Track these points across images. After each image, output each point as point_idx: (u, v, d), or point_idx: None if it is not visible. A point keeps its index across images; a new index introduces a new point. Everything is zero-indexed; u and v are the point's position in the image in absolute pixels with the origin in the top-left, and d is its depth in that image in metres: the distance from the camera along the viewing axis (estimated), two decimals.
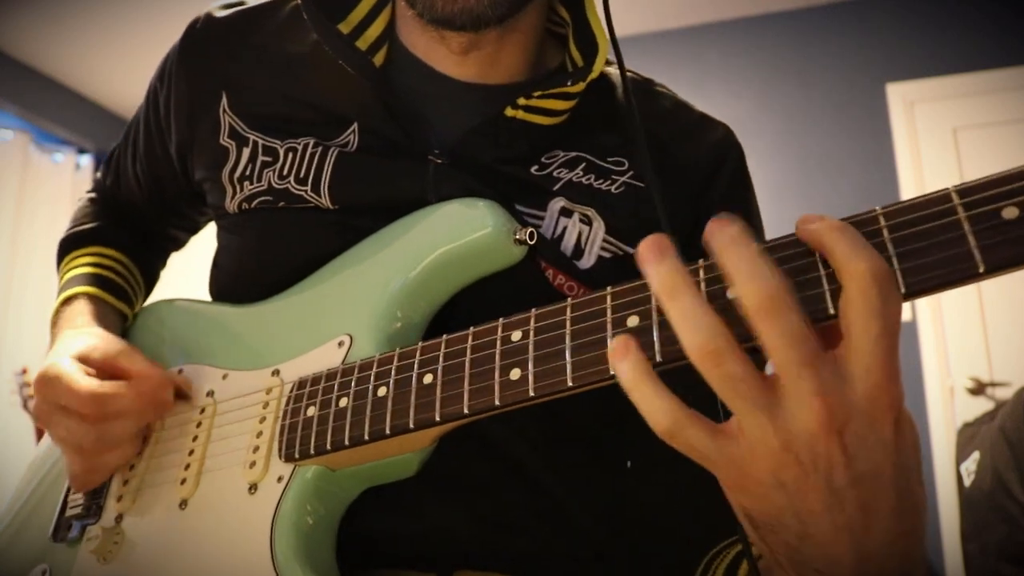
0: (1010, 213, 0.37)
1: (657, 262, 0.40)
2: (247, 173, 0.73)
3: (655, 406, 0.40)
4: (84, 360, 0.69)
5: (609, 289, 0.48)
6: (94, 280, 0.84)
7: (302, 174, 0.70)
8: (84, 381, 0.65)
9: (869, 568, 0.40)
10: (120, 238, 0.91)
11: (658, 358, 0.43)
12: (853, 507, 0.39)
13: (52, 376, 0.65)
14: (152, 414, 0.68)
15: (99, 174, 0.97)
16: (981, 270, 0.37)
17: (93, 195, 0.96)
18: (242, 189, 0.73)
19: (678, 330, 0.39)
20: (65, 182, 4.10)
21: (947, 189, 0.39)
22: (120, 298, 0.85)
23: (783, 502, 0.40)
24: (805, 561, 0.42)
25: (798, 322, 0.37)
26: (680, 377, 0.42)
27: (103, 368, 0.69)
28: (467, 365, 0.52)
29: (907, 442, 0.39)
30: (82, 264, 0.87)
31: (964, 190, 0.39)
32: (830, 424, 0.37)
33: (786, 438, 0.38)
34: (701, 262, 0.44)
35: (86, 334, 0.73)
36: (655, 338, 0.44)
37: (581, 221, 0.69)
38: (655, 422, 0.40)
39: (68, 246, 0.91)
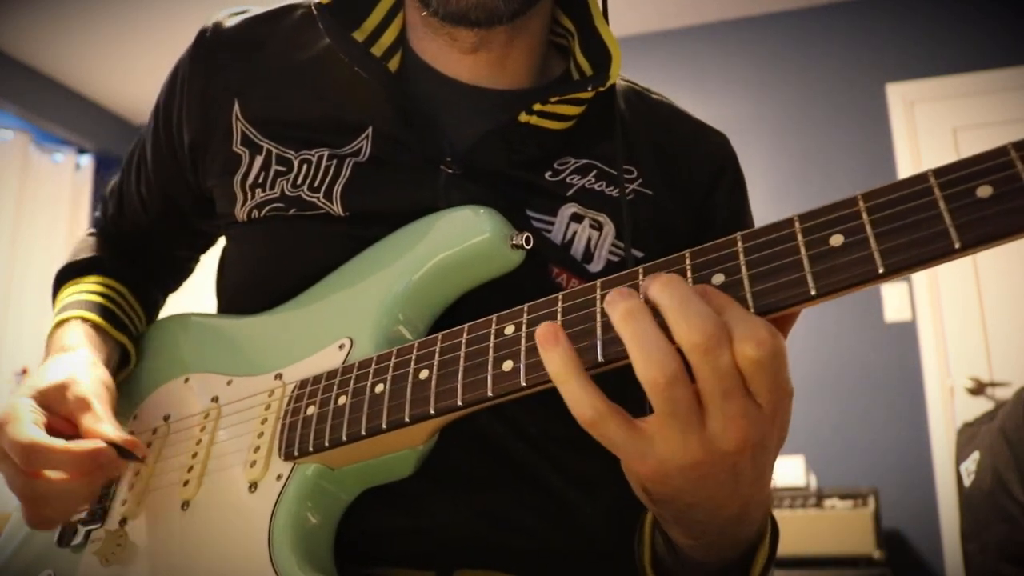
0: (984, 191, 0.38)
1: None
2: (259, 181, 0.73)
3: (580, 398, 0.44)
4: (51, 395, 0.66)
5: (599, 281, 0.49)
6: (91, 307, 0.80)
7: (316, 183, 0.71)
8: (26, 432, 0.61)
9: (747, 510, 0.50)
10: (120, 269, 0.88)
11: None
12: (749, 480, 0.46)
13: (3, 419, 0.62)
14: (100, 475, 0.62)
15: (98, 212, 0.94)
16: (957, 247, 0.38)
17: (92, 231, 0.93)
18: (253, 196, 0.73)
19: (634, 361, 0.43)
20: (65, 182, 4.10)
21: (925, 171, 0.41)
22: (117, 327, 0.81)
23: (684, 486, 0.46)
24: (690, 519, 0.50)
25: (728, 358, 0.41)
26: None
27: (71, 411, 0.65)
28: (462, 359, 0.53)
29: (786, 417, 0.46)
30: (79, 291, 0.83)
31: (940, 170, 0.40)
32: (748, 440, 0.43)
33: (708, 449, 0.43)
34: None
35: (70, 363, 0.70)
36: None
37: (591, 226, 0.71)
38: (579, 413, 0.44)
39: (64, 276, 0.87)
